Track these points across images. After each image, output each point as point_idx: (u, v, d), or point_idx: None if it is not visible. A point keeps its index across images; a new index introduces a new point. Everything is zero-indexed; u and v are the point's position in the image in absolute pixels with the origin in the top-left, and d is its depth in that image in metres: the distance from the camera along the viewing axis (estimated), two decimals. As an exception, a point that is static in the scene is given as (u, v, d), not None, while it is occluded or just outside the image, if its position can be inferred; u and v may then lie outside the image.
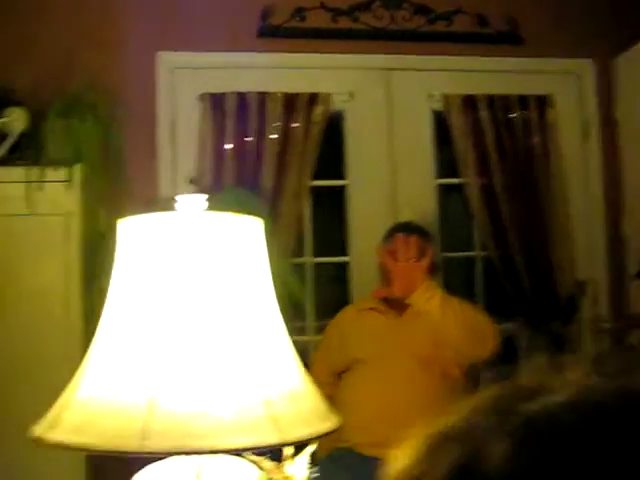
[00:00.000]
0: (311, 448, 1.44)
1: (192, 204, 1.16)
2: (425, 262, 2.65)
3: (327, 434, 1.12)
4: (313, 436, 1.07)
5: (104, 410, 1.00)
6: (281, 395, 1.07)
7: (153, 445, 0.96)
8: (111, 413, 0.99)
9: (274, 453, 1.39)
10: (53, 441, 1.01)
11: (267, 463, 1.39)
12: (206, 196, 1.18)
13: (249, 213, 1.18)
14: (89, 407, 1.02)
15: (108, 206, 2.67)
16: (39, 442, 1.03)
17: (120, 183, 2.80)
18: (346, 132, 3.27)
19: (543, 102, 3.32)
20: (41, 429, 1.04)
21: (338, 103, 3.21)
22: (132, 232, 1.12)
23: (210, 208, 1.16)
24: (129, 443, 0.95)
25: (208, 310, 1.07)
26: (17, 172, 2.54)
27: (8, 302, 2.52)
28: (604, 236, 3.33)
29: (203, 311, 1.06)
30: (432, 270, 2.73)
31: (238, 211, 1.17)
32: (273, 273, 1.21)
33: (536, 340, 3.18)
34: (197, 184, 2.89)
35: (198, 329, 1.05)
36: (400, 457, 0.51)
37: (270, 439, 1.01)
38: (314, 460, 1.47)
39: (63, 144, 2.64)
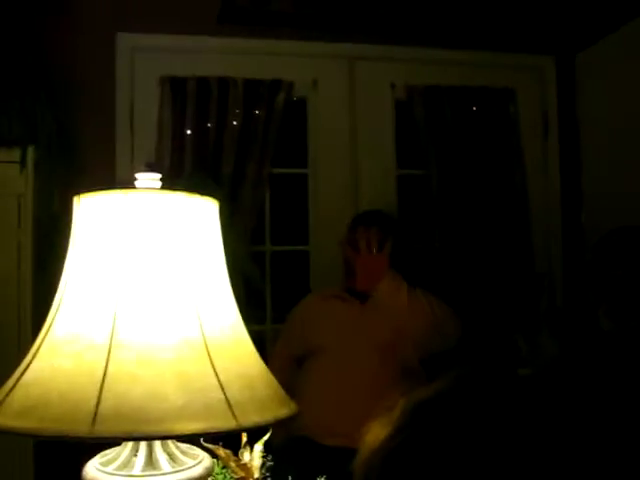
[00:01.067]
0: (266, 436, 1.42)
1: (148, 183, 1.14)
2: (385, 254, 2.65)
3: (284, 420, 1.09)
4: (270, 422, 1.05)
5: (52, 393, 0.96)
6: (236, 380, 1.04)
7: (103, 430, 0.92)
8: (59, 396, 0.95)
9: (227, 441, 1.37)
10: (-3, 425, 0.97)
11: (222, 451, 1.36)
12: (160, 175, 1.16)
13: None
14: (36, 389, 0.97)
15: (63, 189, 2.60)
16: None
17: (76, 166, 2.73)
18: (308, 120, 3.25)
19: (505, 96, 3.35)
20: (-15, 413, 1.00)
21: (301, 91, 3.18)
22: (89, 208, 1.09)
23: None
24: (78, 428, 0.91)
25: (160, 285, 1.04)
26: (-32, 151, 2.46)
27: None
28: (561, 230, 3.37)
29: (155, 286, 1.03)
30: (395, 262, 2.72)
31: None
32: (232, 260, 1.18)
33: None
34: (155, 169, 2.83)
35: (148, 304, 1.02)
36: (376, 429, 0.53)
37: (225, 424, 0.98)
38: (269, 448, 1.45)
39: (16, 124, 2.56)
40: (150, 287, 1.03)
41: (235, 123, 3.05)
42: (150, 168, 1.15)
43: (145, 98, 3.01)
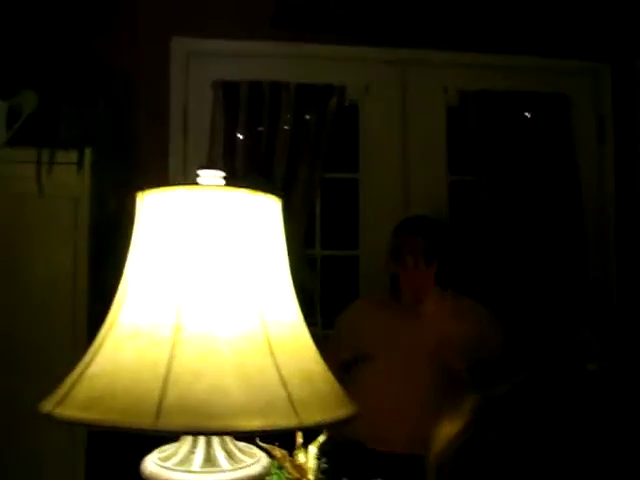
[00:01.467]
0: (321, 438, 1.42)
1: (211, 180, 1.15)
2: (432, 270, 2.60)
3: (344, 421, 1.08)
4: (331, 421, 1.04)
5: (116, 386, 0.96)
6: (298, 377, 1.03)
7: (167, 423, 0.92)
8: (124, 389, 0.95)
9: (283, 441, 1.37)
10: (62, 416, 0.98)
11: (278, 451, 1.36)
12: (223, 173, 1.17)
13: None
14: (101, 382, 0.98)
15: (119, 190, 2.64)
16: (48, 417, 0.99)
17: (131, 167, 2.77)
18: (360, 125, 3.24)
19: (559, 101, 3.29)
20: (50, 405, 1.01)
21: (353, 95, 3.18)
22: (153, 205, 1.10)
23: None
24: (142, 420, 0.92)
25: (223, 281, 1.04)
26: (28, 153, 2.51)
27: (14, 282, 2.49)
28: (615, 237, 3.31)
29: (218, 282, 1.03)
30: (442, 269, 2.68)
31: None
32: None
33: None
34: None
35: (211, 299, 1.02)
36: (448, 423, 0.56)
37: (287, 422, 0.98)
38: (321, 450, 1.45)
39: (74, 127, 2.61)
40: (213, 283, 1.03)
41: (287, 127, 3.06)
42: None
43: (199, 101, 3.04)
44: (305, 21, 3.09)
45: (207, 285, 1.03)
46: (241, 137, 3.04)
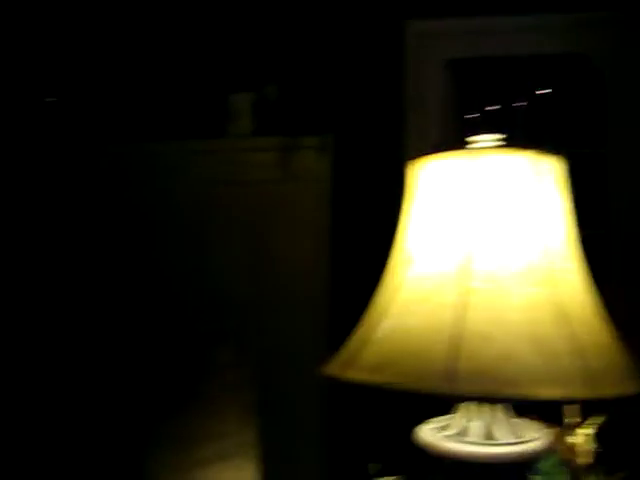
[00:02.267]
0: (600, 420, 1.33)
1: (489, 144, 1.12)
2: None
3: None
4: (630, 394, 0.96)
5: (407, 348, 0.96)
6: (593, 347, 0.97)
7: (459, 387, 0.90)
8: (414, 352, 0.94)
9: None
10: (352, 379, 0.99)
11: (552, 428, 1.29)
12: (502, 136, 1.14)
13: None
14: (389, 345, 0.98)
15: (357, 172, 2.71)
16: (335, 380, 1.01)
17: (367, 150, 2.82)
18: (608, 95, 3.01)
19: None
20: (337, 368, 1.03)
21: (598, 64, 2.97)
22: (437, 171, 1.09)
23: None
24: (436, 384, 0.90)
25: (512, 247, 1.00)
26: (272, 140, 2.64)
27: (260, 265, 2.62)
28: None
29: (507, 248, 0.99)
30: None
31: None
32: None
33: None
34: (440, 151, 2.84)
35: (499, 264, 0.98)
36: None
37: (582, 392, 0.92)
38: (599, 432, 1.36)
39: (316, 113, 2.72)
40: (502, 249, 0.99)
41: (522, 103, 2.94)
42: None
43: (432, 81, 3.01)
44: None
45: (495, 251, 0.99)
46: (474, 115, 2.97)
